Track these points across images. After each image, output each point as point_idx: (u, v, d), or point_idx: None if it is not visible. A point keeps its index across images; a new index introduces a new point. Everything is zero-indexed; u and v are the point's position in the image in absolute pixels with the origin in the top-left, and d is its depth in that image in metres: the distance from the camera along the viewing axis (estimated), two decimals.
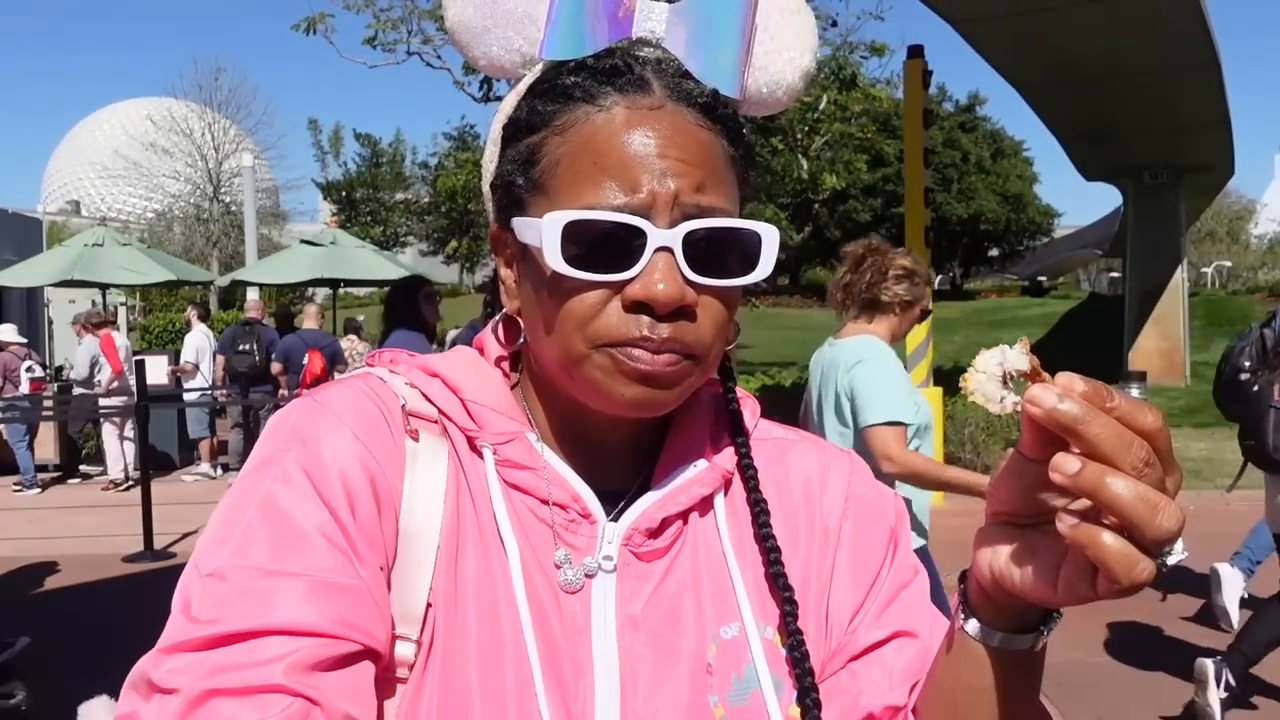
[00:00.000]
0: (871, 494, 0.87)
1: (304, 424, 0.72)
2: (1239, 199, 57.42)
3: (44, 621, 6.26)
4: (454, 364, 0.81)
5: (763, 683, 0.75)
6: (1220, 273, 50.74)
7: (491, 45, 0.78)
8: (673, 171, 0.71)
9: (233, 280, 14.90)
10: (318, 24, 12.84)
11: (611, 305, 0.71)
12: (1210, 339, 23.55)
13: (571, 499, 0.77)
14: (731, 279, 0.73)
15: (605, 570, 0.76)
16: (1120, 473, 0.54)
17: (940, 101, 38.66)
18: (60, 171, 67.43)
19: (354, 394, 0.75)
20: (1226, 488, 5.16)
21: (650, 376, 0.71)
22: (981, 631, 0.68)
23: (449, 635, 0.71)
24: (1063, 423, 0.55)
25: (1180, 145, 17.25)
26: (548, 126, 0.74)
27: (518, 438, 0.78)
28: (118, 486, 10.49)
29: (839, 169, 17.88)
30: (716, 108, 0.75)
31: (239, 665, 0.62)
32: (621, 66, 0.74)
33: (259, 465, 0.71)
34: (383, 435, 0.73)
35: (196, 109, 40.13)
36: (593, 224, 0.70)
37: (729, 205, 0.74)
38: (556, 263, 0.70)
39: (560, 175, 0.73)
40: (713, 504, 0.81)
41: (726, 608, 0.78)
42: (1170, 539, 0.55)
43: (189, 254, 34.76)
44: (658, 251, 0.70)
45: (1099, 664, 5.06)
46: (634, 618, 0.75)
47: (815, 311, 34.76)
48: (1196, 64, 13.23)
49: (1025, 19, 11.23)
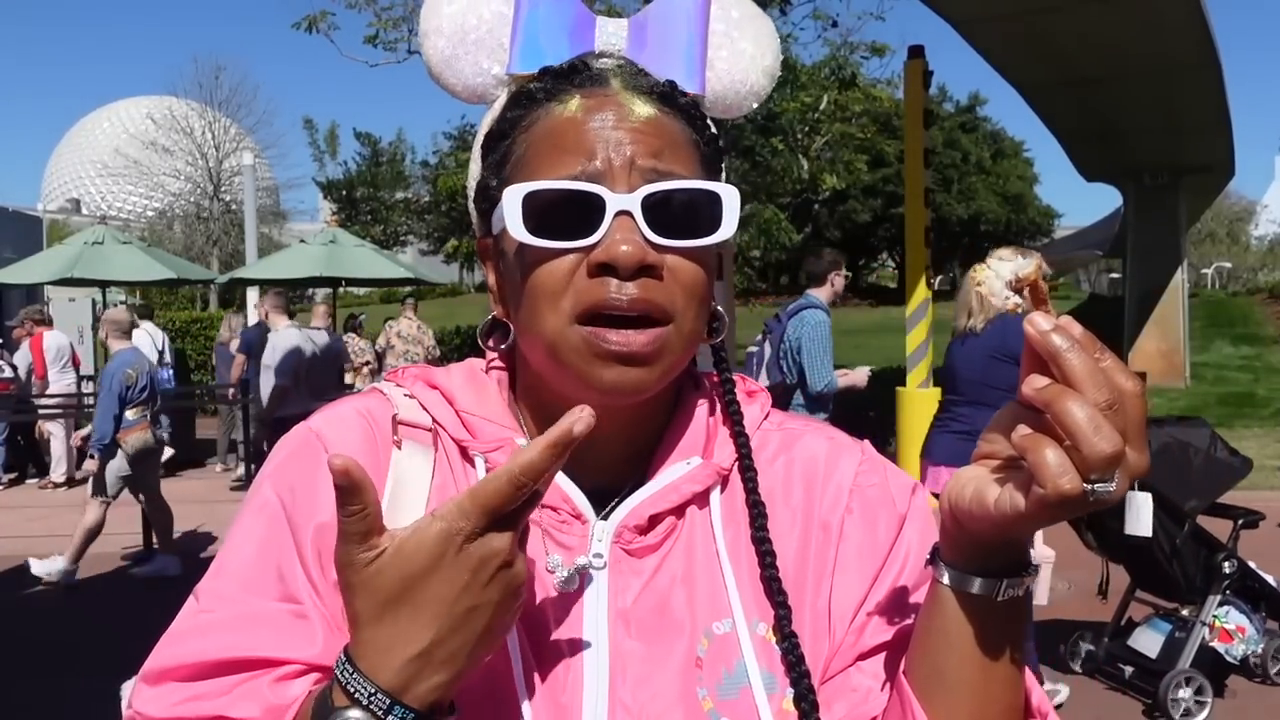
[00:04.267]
0: (880, 486, 0.86)
1: (292, 455, 0.80)
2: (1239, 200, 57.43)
3: (43, 620, 6.26)
4: (453, 377, 0.85)
5: (752, 679, 0.76)
6: (1220, 274, 50.74)
7: (464, 71, 0.82)
8: (628, 140, 0.75)
9: (232, 279, 14.89)
10: (318, 23, 12.83)
11: (579, 273, 0.73)
12: (1210, 340, 23.56)
13: (561, 500, 0.79)
14: (695, 239, 0.75)
15: (596, 567, 0.77)
16: (1080, 396, 0.58)
17: (941, 102, 38.66)
18: (61, 170, 67.41)
19: (346, 416, 0.82)
20: None
21: (627, 356, 0.73)
22: (937, 569, 0.71)
23: None
24: (1049, 348, 0.59)
25: (1180, 146, 17.25)
26: (515, 129, 0.80)
27: (507, 444, 0.80)
28: (58, 487, 10.48)
29: (839, 169, 17.85)
30: (675, 97, 0.79)
31: (199, 696, 0.70)
32: (580, 66, 0.79)
33: (250, 493, 0.80)
34: (364, 451, 0.78)
35: (197, 108, 40.08)
36: (552, 193, 0.74)
37: (690, 175, 0.77)
38: (519, 233, 0.74)
39: (524, 163, 0.78)
40: (709, 500, 0.82)
41: (719, 604, 0.79)
42: (1104, 463, 0.58)
43: (189, 252, 34.75)
44: (618, 215, 0.73)
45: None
46: (625, 612, 0.77)
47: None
48: (1197, 65, 13.22)
49: (1026, 19, 11.22)
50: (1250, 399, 16.98)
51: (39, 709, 4.69)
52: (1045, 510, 0.60)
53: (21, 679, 5.01)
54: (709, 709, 0.75)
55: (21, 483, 11.06)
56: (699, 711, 0.75)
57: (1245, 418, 15.16)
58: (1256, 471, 10.01)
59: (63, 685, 4.83)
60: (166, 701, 0.71)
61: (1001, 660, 0.71)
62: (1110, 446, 0.57)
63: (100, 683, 1.03)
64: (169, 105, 42.02)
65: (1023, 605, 0.71)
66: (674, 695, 0.75)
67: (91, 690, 5.16)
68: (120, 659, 0.83)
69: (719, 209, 0.76)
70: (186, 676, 0.71)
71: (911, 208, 9.37)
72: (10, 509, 9.50)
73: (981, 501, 0.64)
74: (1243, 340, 23.93)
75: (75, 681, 4.80)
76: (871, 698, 0.79)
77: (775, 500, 0.83)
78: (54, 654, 5.46)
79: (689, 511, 0.81)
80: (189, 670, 0.71)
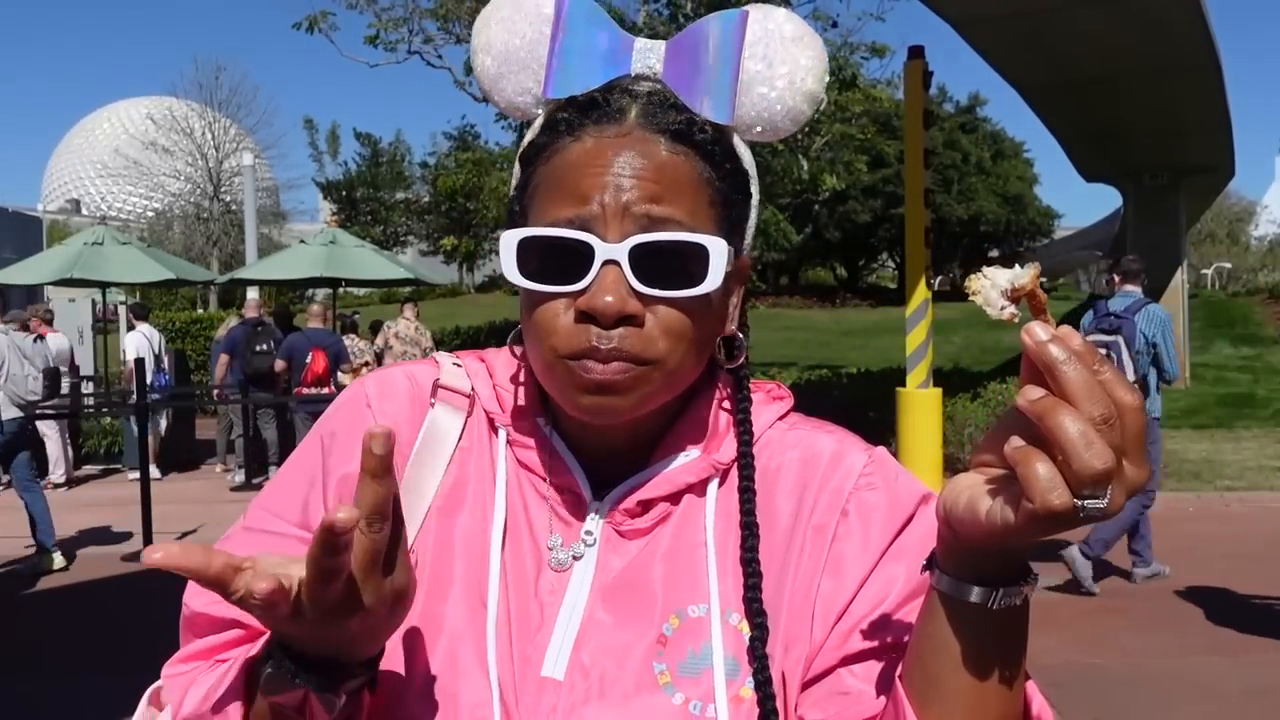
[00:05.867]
0: (883, 491, 0.86)
1: (341, 406, 0.90)
2: (1239, 201, 57.43)
3: (44, 619, 6.26)
4: (501, 356, 0.92)
5: (715, 662, 0.79)
6: (1220, 274, 50.74)
7: (507, 89, 0.85)
8: (624, 186, 0.77)
9: (232, 279, 14.89)
10: (319, 23, 12.83)
11: (566, 315, 0.78)
12: (1210, 341, 23.55)
13: (568, 480, 0.85)
14: (680, 290, 0.77)
15: (587, 544, 0.84)
16: (1074, 410, 0.58)
17: (941, 102, 38.63)
18: (60, 170, 67.43)
19: (395, 378, 0.90)
20: None
21: (602, 385, 0.77)
22: (934, 575, 0.71)
23: (434, 577, 0.82)
24: (1046, 359, 0.59)
25: (1180, 147, 17.25)
26: (539, 158, 0.83)
27: (529, 421, 0.87)
28: (58, 487, 10.48)
29: (839, 169, 17.84)
30: (692, 134, 0.80)
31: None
32: (600, 100, 0.81)
33: (310, 431, 0.92)
34: (402, 409, 0.88)
35: (197, 108, 40.09)
36: (544, 239, 0.78)
37: (688, 220, 0.78)
38: (513, 275, 0.79)
39: (535, 199, 0.81)
40: (705, 492, 0.85)
41: (699, 589, 0.82)
42: (1095, 479, 0.57)
43: (189, 253, 34.74)
44: (606, 264, 0.76)
45: (1099, 664, 5.06)
46: (605, 588, 0.82)
47: (815, 311, 34.76)
48: (1197, 65, 13.23)
49: (1026, 20, 11.22)
50: (1250, 400, 16.98)
51: (39, 709, 4.69)
52: (1035, 524, 0.60)
53: (22, 679, 5.01)
54: (665, 683, 0.79)
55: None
56: (653, 683, 0.79)
57: (1245, 418, 15.16)
58: (1257, 472, 10.07)
59: (64, 685, 4.84)
60: (205, 599, 0.81)
61: (999, 669, 0.71)
62: (1101, 463, 0.57)
63: (101, 682, 1.04)
64: (169, 106, 42.06)
65: (1023, 614, 0.71)
66: (632, 664, 0.79)
67: (92, 689, 5.17)
68: (121, 659, 0.85)
69: (706, 260, 0.78)
70: None
71: (911, 208, 9.37)
72: (10, 509, 9.50)
73: (974, 511, 0.64)
74: (1243, 341, 23.92)
75: (76, 681, 4.80)
76: (864, 700, 0.79)
77: (771, 500, 0.85)
78: (54, 654, 5.46)
79: (685, 500, 0.85)
80: None
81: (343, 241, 12.75)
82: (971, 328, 28.60)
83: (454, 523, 0.84)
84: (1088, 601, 6.11)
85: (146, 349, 10.93)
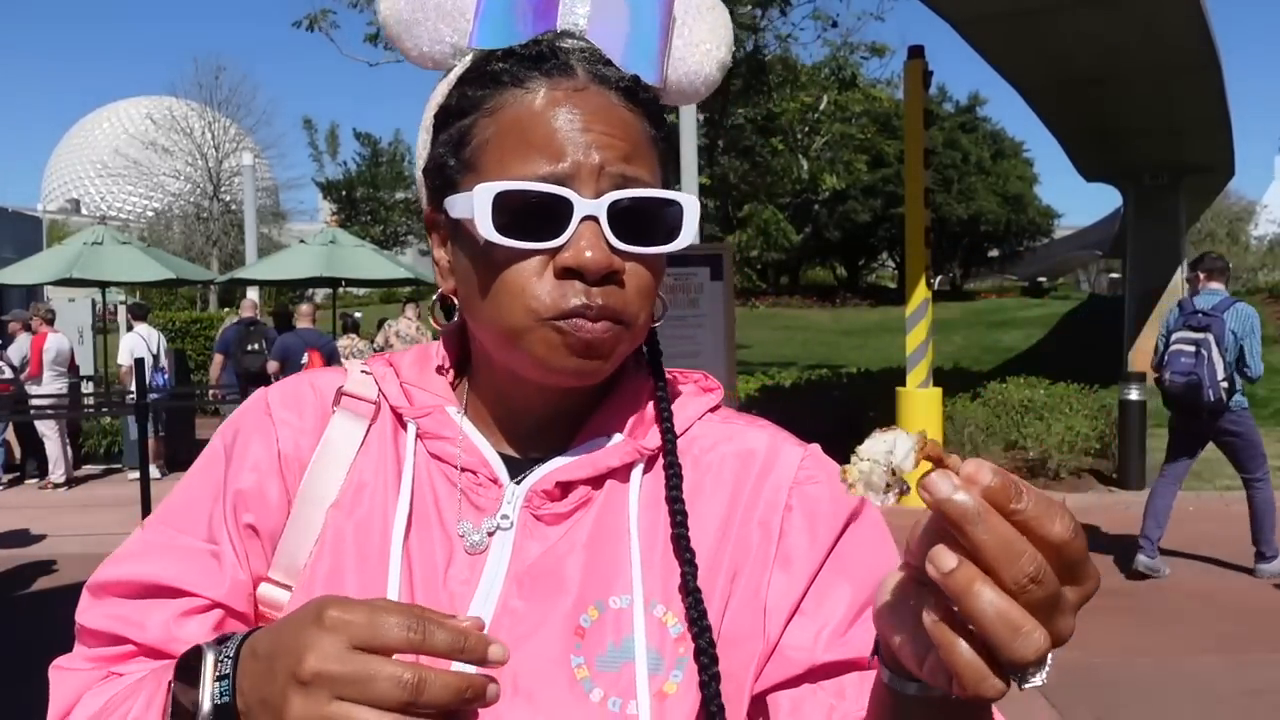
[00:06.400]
0: (824, 484, 0.83)
1: (243, 414, 0.88)
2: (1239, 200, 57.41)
3: (42, 620, 6.26)
4: (406, 355, 0.90)
5: (637, 655, 0.75)
6: None
7: (421, 37, 0.82)
8: (597, 144, 0.76)
9: (232, 279, 14.88)
10: (319, 21, 12.83)
11: (545, 274, 0.75)
12: None
13: (480, 464, 0.82)
14: (655, 247, 0.77)
15: (503, 529, 0.80)
16: (994, 585, 0.50)
17: (940, 102, 38.64)
18: (60, 170, 67.43)
19: (298, 387, 0.88)
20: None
21: (591, 345, 0.75)
22: (878, 667, 0.64)
23: (330, 583, 0.79)
24: (951, 517, 0.50)
25: (1180, 146, 17.23)
26: (477, 110, 0.79)
27: (436, 411, 0.84)
28: (58, 487, 10.47)
29: (839, 169, 17.87)
30: (638, 92, 0.80)
31: (120, 617, 0.81)
32: (546, 52, 0.78)
33: (211, 438, 0.89)
34: (304, 418, 0.86)
35: (197, 108, 40.06)
36: (521, 194, 0.74)
37: (653, 180, 0.78)
38: (488, 232, 0.75)
39: (489, 153, 0.77)
40: (630, 478, 0.82)
41: (622, 579, 0.79)
42: (1027, 666, 0.51)
43: (189, 253, 34.75)
44: (584, 220, 0.74)
45: (1099, 664, 5.06)
46: (520, 575, 0.79)
47: (814, 311, 34.75)
48: (1196, 65, 13.22)
49: (1026, 20, 11.22)
50: (1251, 399, 16.91)
51: (40, 709, 4.69)
52: (969, 702, 0.54)
53: (23, 679, 5.01)
54: (582, 677, 0.75)
55: (21, 483, 11.06)
56: (570, 678, 0.75)
57: None
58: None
59: None
60: (98, 613, 0.83)
61: None
62: (1033, 650, 0.50)
63: None
64: (169, 105, 42.04)
65: (979, 705, 0.61)
66: (546, 658, 0.76)
67: None
68: None
69: (679, 218, 0.78)
70: (120, 593, 0.83)
71: (911, 208, 9.38)
72: (10, 509, 9.50)
73: (906, 650, 0.57)
74: None
75: None
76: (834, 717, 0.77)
77: (702, 490, 0.82)
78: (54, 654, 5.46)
79: (608, 486, 0.82)
80: (122, 588, 0.83)
81: (342, 241, 12.74)
82: (971, 327, 28.62)
83: (350, 522, 0.81)
84: (1088, 601, 6.11)
85: (144, 349, 10.92)
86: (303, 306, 10.47)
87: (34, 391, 10.58)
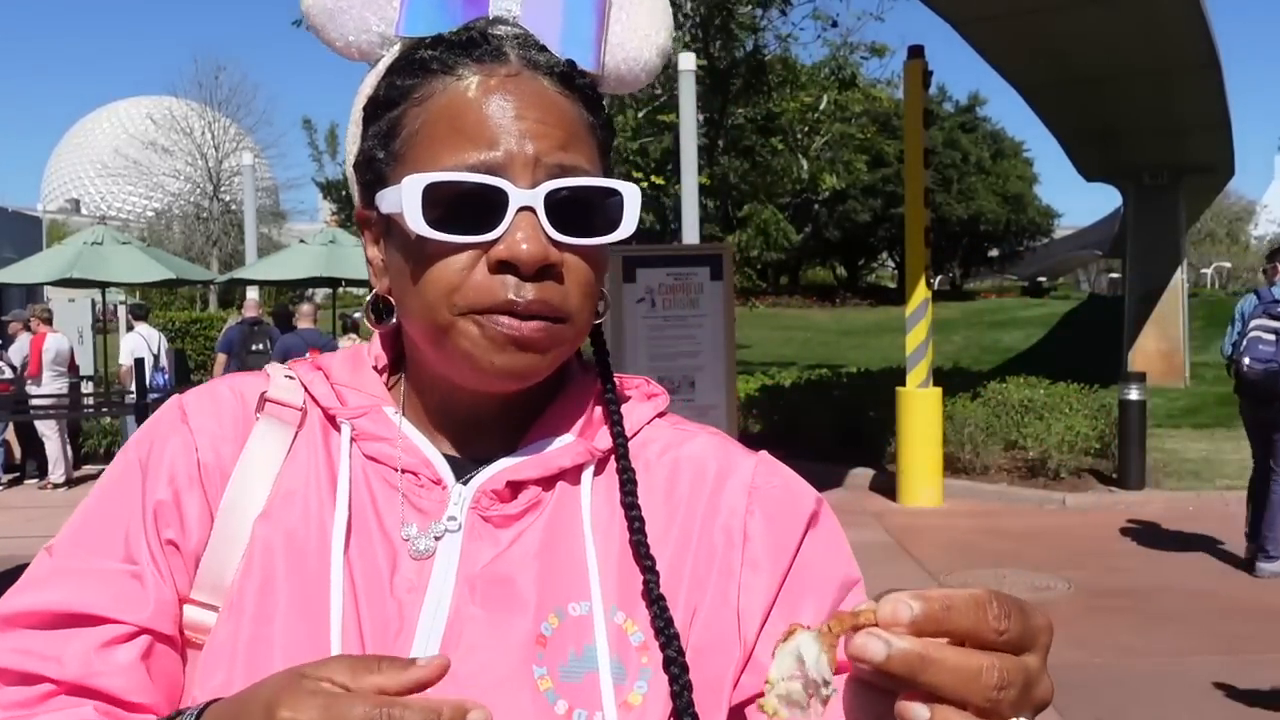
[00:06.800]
0: (781, 488, 0.82)
1: (157, 423, 0.81)
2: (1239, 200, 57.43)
3: None
4: (335, 356, 0.85)
5: (600, 665, 0.72)
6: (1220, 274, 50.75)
7: (347, 26, 0.79)
8: (531, 133, 0.72)
9: (232, 279, 14.88)
10: None
11: (478, 268, 0.71)
12: (1210, 340, 23.51)
13: (422, 464, 0.78)
14: (595, 238, 0.74)
15: (451, 531, 0.76)
16: (968, 714, 0.48)
17: (940, 102, 38.64)
18: (60, 170, 67.44)
19: (217, 392, 0.82)
20: None
21: (519, 340, 0.71)
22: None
23: (261, 598, 0.73)
24: (899, 675, 0.47)
25: (1180, 146, 17.23)
26: (406, 100, 0.75)
27: (373, 411, 0.79)
28: (57, 487, 10.46)
29: (839, 169, 17.87)
30: (574, 78, 0.76)
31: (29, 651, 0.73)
32: (478, 38, 0.75)
33: (119, 452, 0.82)
34: (224, 425, 0.79)
35: (196, 108, 40.11)
36: (453, 185, 0.71)
37: (592, 168, 0.75)
38: (418, 225, 0.71)
39: (419, 143, 0.74)
40: (580, 479, 0.79)
41: (578, 585, 0.75)
42: None
43: (189, 253, 34.77)
44: (520, 211, 0.70)
45: (1099, 664, 5.06)
46: (472, 579, 0.74)
47: (814, 311, 34.76)
48: (1196, 65, 13.22)
49: (1025, 19, 11.22)
50: None
51: None
52: None
53: None
54: (546, 689, 0.72)
55: (21, 483, 11.06)
56: (533, 690, 0.71)
57: None
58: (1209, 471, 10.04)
59: None
60: (5, 649, 0.74)
61: None
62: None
63: None
64: (168, 105, 42.08)
65: None
66: (507, 669, 0.72)
67: None
68: None
69: (620, 207, 0.74)
70: (28, 624, 0.74)
71: (911, 208, 9.38)
72: (10, 509, 9.50)
73: None
74: None
75: None
76: None
77: (656, 496, 0.80)
78: None
79: (558, 489, 0.79)
80: (30, 619, 0.74)
81: (342, 241, 12.73)
82: (971, 327, 28.62)
83: (280, 533, 0.75)
84: (1088, 601, 6.11)
85: (144, 349, 10.93)
86: (304, 307, 10.47)
87: (34, 391, 10.60)
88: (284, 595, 0.73)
